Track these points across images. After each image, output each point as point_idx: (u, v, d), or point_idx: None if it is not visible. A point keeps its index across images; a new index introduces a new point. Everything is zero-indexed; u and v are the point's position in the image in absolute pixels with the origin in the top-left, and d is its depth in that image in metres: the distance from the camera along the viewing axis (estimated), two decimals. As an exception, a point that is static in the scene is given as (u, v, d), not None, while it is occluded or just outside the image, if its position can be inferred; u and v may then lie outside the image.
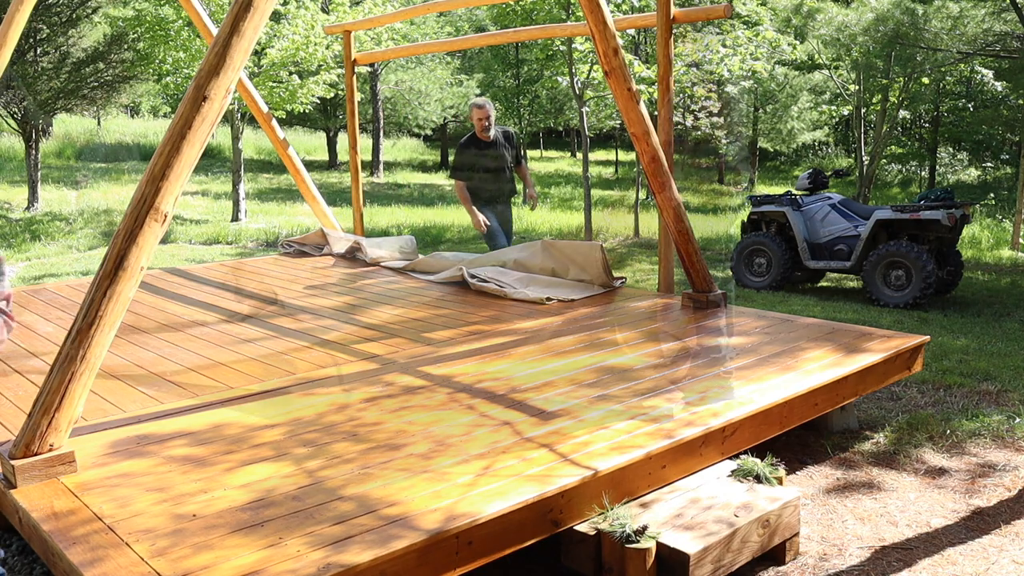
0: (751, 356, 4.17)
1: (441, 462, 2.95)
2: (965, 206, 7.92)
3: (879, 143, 17.99)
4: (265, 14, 3.03)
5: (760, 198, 9.06)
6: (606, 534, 2.74)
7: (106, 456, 3.06)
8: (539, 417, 3.37)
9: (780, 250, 8.56)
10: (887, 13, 13.19)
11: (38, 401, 2.84)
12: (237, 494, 2.72)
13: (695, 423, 3.26)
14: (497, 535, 2.59)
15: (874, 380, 4.17)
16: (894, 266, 7.81)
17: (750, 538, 2.87)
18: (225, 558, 2.31)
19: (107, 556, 2.34)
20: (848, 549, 3.16)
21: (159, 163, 2.90)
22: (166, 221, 2.93)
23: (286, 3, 14.97)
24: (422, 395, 3.70)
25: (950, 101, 21.65)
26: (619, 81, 4.83)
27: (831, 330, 4.65)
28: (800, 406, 3.72)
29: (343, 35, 7.98)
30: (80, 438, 3.21)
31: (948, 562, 3.05)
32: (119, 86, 16.61)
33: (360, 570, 2.27)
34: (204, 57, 2.98)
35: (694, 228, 5.33)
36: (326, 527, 2.48)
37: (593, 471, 2.83)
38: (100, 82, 16.19)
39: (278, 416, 3.46)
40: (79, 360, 2.81)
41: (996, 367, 5.47)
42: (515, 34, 7.05)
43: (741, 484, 3.12)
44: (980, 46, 13.35)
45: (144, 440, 3.21)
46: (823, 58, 18.86)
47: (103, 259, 2.90)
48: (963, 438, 4.23)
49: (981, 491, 3.65)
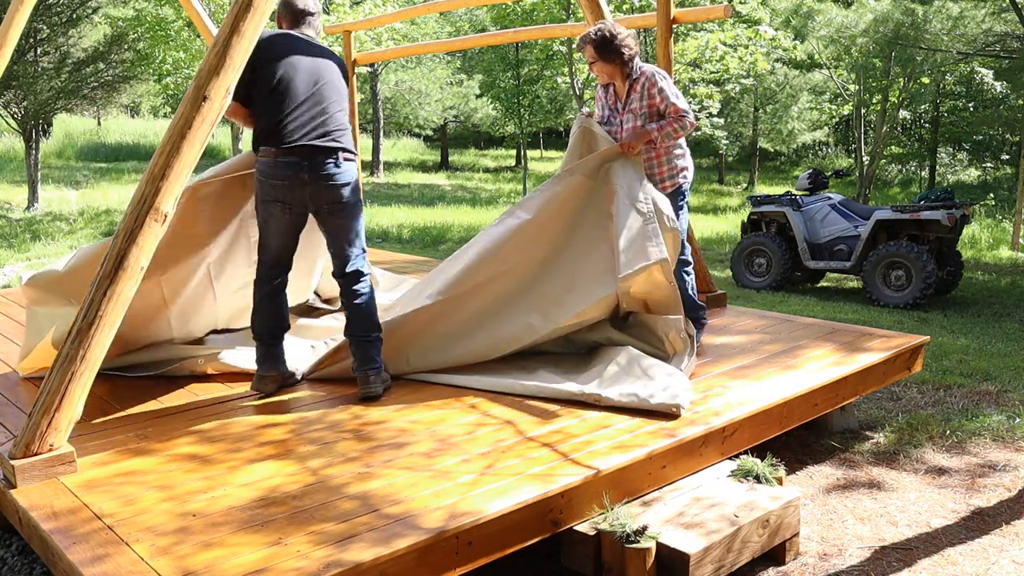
0: (751, 356, 4.17)
1: (444, 461, 2.95)
2: (965, 206, 7.93)
3: (879, 143, 17.99)
4: (265, 14, 3.03)
5: (760, 198, 9.06)
6: (606, 534, 2.74)
7: (106, 455, 3.06)
8: (542, 416, 3.38)
9: (780, 250, 8.56)
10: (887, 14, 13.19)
11: (38, 401, 2.84)
12: (241, 492, 2.72)
13: (696, 422, 3.27)
14: (497, 535, 2.59)
15: (874, 380, 4.17)
16: (894, 266, 7.81)
17: (750, 538, 2.87)
18: (228, 556, 2.31)
19: (107, 556, 2.34)
20: (848, 549, 3.16)
21: (159, 163, 2.90)
22: (166, 221, 2.93)
23: (286, 3, 14.96)
24: (425, 394, 3.70)
25: (950, 101, 21.65)
26: (619, 81, 4.83)
27: (831, 330, 4.66)
28: (800, 406, 3.72)
29: (343, 35, 7.98)
30: (80, 437, 3.21)
31: (948, 562, 3.05)
32: (119, 86, 16.61)
33: (362, 569, 2.27)
34: (204, 57, 2.98)
35: (694, 228, 5.32)
36: (329, 526, 2.48)
37: (595, 470, 2.83)
38: (100, 82, 16.19)
39: (282, 414, 3.46)
40: (79, 360, 2.81)
41: (996, 367, 5.47)
42: (515, 34, 7.05)
43: (741, 484, 3.12)
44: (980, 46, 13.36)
45: (145, 439, 3.21)
46: (823, 58, 18.86)
47: (103, 259, 2.90)
48: (963, 438, 4.23)
49: (981, 491, 3.65)
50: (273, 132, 3.49)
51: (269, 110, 3.50)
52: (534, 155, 33.92)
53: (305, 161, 3.47)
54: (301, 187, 3.50)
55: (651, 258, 3.91)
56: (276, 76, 3.50)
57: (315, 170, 3.49)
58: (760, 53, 13.73)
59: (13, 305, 5.79)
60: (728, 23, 13.84)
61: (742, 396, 3.58)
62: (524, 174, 22.13)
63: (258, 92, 3.51)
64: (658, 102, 4.09)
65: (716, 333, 4.65)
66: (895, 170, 26.17)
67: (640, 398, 3.41)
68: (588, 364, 3.90)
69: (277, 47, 3.55)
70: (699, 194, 22.55)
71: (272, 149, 3.48)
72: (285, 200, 3.53)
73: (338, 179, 3.54)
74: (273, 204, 3.55)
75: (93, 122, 29.98)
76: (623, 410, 3.41)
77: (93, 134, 27.62)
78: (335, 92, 3.62)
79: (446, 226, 14.59)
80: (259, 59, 3.45)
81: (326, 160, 3.51)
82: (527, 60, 22.85)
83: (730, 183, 25.71)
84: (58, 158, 23.59)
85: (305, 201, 3.55)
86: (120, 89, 16.78)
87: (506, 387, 3.68)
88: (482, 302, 4.02)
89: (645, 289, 4.00)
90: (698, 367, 4.01)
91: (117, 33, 16.10)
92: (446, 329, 3.97)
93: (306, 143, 3.47)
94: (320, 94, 3.56)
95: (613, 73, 4.15)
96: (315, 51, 3.64)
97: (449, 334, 3.98)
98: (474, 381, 3.77)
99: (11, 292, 6.32)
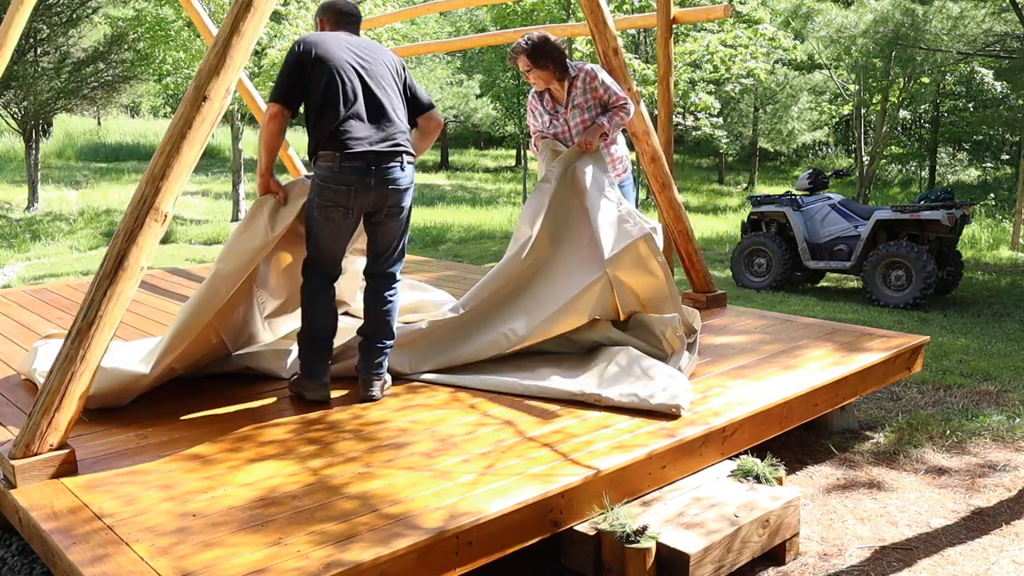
0: (751, 356, 4.17)
1: (444, 461, 2.95)
2: (965, 206, 7.93)
3: (879, 143, 18.00)
4: (265, 14, 3.03)
5: (760, 198, 9.06)
6: (606, 534, 2.73)
7: (107, 455, 3.06)
8: (542, 416, 3.38)
9: (780, 250, 8.56)
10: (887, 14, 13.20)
11: (38, 401, 2.84)
12: (241, 492, 2.72)
13: (696, 422, 3.27)
14: (497, 535, 2.59)
15: (874, 380, 4.17)
16: (894, 266, 7.81)
17: (750, 538, 2.87)
18: (228, 556, 2.31)
19: (107, 556, 2.34)
20: (848, 549, 3.16)
21: (159, 163, 2.90)
22: (166, 221, 2.93)
23: (286, 3, 14.98)
24: (425, 394, 3.70)
25: (950, 101, 21.66)
26: (619, 81, 4.84)
27: (831, 330, 4.66)
28: (800, 406, 3.72)
29: (343, 35, 7.98)
30: (80, 437, 3.20)
31: (948, 562, 3.05)
32: (119, 86, 16.63)
33: (362, 569, 2.27)
34: (204, 57, 2.98)
35: (694, 228, 5.32)
36: (329, 525, 2.48)
37: (595, 470, 2.83)
38: (100, 82, 16.21)
39: (282, 415, 3.46)
40: (79, 360, 2.81)
41: (996, 367, 5.47)
42: (515, 34, 7.05)
43: (741, 484, 3.12)
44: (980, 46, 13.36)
45: (145, 439, 3.21)
46: (823, 58, 18.87)
47: (103, 259, 2.90)
48: (963, 438, 4.23)
49: (981, 491, 3.65)
50: (333, 136, 3.38)
51: (326, 113, 3.38)
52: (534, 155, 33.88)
53: (372, 167, 3.40)
54: (366, 192, 3.43)
55: (632, 235, 4.00)
56: (330, 77, 3.39)
57: (381, 175, 3.42)
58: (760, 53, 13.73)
59: (13, 305, 5.79)
60: (728, 23, 13.83)
61: (742, 396, 3.58)
62: (524, 174, 22.14)
63: (311, 95, 3.40)
64: (601, 93, 4.30)
65: (716, 333, 4.65)
66: (895, 170, 26.18)
67: (640, 398, 3.41)
68: (588, 364, 3.91)
69: (329, 47, 3.43)
70: (699, 194, 22.56)
71: (336, 154, 3.38)
72: (348, 205, 3.43)
73: (401, 183, 3.51)
74: (335, 209, 3.44)
75: (93, 122, 29.99)
76: (623, 410, 3.41)
77: (93, 134, 27.62)
78: (392, 90, 3.55)
79: (446, 226, 14.59)
80: (309, 61, 3.37)
81: (391, 164, 3.46)
82: (527, 60, 22.81)
83: (730, 183, 25.72)
84: (58, 158, 23.60)
85: (366, 205, 3.48)
86: (120, 89, 16.80)
87: (506, 387, 3.68)
88: (488, 313, 4.10)
89: (635, 273, 4.02)
90: (698, 367, 4.01)
91: (117, 33, 16.11)
92: (450, 336, 4.03)
93: (370, 149, 3.40)
94: (378, 94, 3.47)
95: (548, 78, 4.31)
96: (366, 49, 3.55)
97: (451, 339, 4.02)
98: (474, 381, 3.77)
99: (11, 292, 6.32)
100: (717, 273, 9.74)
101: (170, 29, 14.87)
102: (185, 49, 14.89)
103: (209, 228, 14.07)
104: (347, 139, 3.38)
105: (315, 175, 3.48)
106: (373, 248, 3.65)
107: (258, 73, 14.65)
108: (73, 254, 12.24)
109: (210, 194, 19.25)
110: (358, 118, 3.41)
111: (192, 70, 15.04)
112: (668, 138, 5.40)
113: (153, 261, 9.89)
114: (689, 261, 5.29)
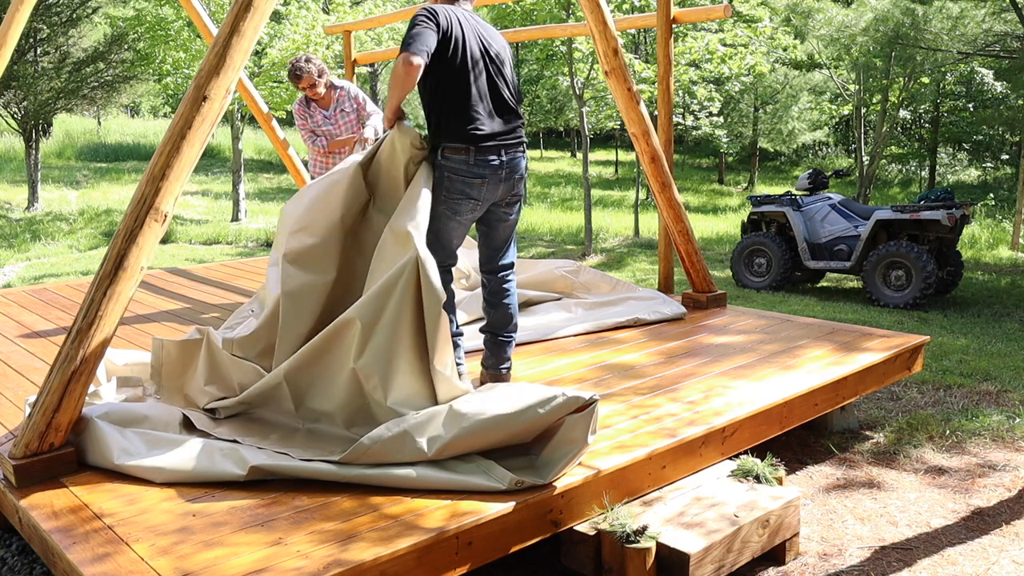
0: (751, 356, 4.18)
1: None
2: (965, 206, 7.93)
3: (879, 143, 17.99)
4: (265, 14, 3.03)
5: (760, 198, 9.06)
6: (606, 534, 2.73)
7: (107, 456, 3.05)
8: (539, 417, 3.37)
9: (780, 250, 8.56)
10: (887, 13, 13.20)
11: (38, 401, 2.84)
12: (241, 492, 2.72)
13: (697, 422, 3.27)
14: (497, 535, 2.59)
15: (874, 380, 4.17)
16: (894, 266, 7.81)
17: (751, 538, 2.87)
18: (229, 556, 2.31)
19: (108, 555, 2.34)
20: (848, 549, 3.16)
21: (159, 163, 2.90)
22: (166, 221, 2.93)
23: (287, 3, 14.97)
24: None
25: (950, 101, 21.66)
26: (619, 81, 4.84)
27: (831, 330, 4.66)
28: (800, 406, 3.72)
29: (343, 35, 7.99)
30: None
31: (948, 562, 3.05)
32: (119, 86, 16.61)
33: (363, 569, 2.27)
34: (204, 57, 2.98)
35: (694, 228, 5.32)
36: (329, 525, 2.48)
37: (595, 471, 2.83)
38: (100, 82, 16.19)
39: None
40: (79, 360, 2.81)
41: (996, 367, 5.47)
42: (515, 34, 7.05)
43: (741, 484, 3.12)
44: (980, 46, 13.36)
45: (145, 440, 3.21)
46: (823, 58, 18.87)
47: (103, 259, 2.90)
48: (963, 438, 4.23)
49: (981, 491, 3.65)
50: (464, 128, 3.33)
51: (456, 103, 3.32)
52: (534, 155, 33.91)
53: (503, 159, 3.42)
54: (496, 184, 3.44)
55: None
56: (463, 65, 3.32)
57: (511, 166, 3.45)
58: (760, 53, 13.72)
59: (13, 305, 5.79)
60: (728, 23, 13.83)
61: (742, 396, 3.58)
62: (524, 174, 22.07)
63: (442, 76, 3.31)
64: (361, 102, 5.50)
65: (716, 333, 4.65)
66: (895, 170, 26.17)
67: None
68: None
69: (465, 31, 3.33)
70: (699, 194, 22.55)
71: (470, 147, 3.34)
72: (478, 197, 3.42)
73: (522, 172, 3.55)
74: (465, 201, 3.41)
75: (93, 122, 29.97)
76: (623, 411, 3.41)
77: (93, 134, 27.61)
78: (511, 77, 3.52)
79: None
80: (448, 37, 3.27)
81: (517, 155, 3.48)
82: (527, 60, 22.85)
83: (730, 183, 25.71)
84: (58, 158, 23.58)
85: (494, 197, 3.48)
86: (120, 89, 16.78)
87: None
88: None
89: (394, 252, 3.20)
90: (698, 367, 4.01)
91: (117, 33, 16.10)
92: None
93: (501, 143, 3.40)
94: (500, 85, 3.44)
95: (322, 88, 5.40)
96: (490, 36, 3.48)
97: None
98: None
99: (11, 292, 6.32)
100: (717, 273, 9.74)
101: (170, 29, 14.86)
102: (185, 49, 14.88)
103: (209, 228, 14.07)
104: (480, 133, 3.35)
105: (442, 167, 3.39)
106: (491, 242, 3.61)
107: (258, 73, 14.65)
108: (73, 254, 12.24)
109: (210, 194, 19.24)
110: (488, 111, 3.39)
111: (192, 70, 15.04)
112: (668, 138, 5.40)
113: (153, 261, 9.89)
114: (689, 261, 5.29)
